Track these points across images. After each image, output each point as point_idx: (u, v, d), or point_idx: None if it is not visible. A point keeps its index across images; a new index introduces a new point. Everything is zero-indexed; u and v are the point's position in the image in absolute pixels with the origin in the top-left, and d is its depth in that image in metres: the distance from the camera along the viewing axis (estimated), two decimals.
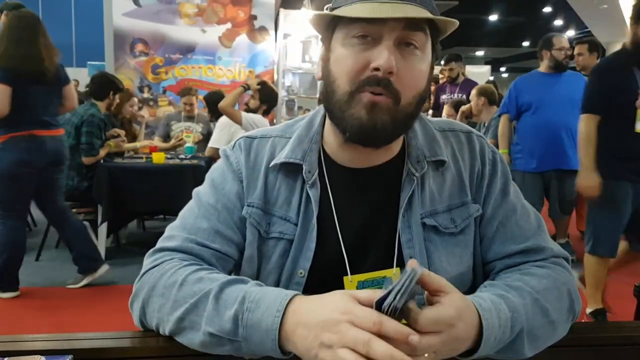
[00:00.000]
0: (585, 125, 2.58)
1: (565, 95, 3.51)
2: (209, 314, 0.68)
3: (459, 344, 0.63)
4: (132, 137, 4.61)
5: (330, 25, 0.79)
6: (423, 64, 0.76)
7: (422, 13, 0.72)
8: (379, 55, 0.71)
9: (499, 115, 3.92)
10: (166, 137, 4.79)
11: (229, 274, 0.79)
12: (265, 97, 3.96)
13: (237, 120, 3.64)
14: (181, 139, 4.63)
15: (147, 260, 0.80)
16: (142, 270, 0.79)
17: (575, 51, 4.24)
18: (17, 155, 2.90)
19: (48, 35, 2.99)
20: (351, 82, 0.74)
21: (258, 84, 4.00)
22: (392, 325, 0.55)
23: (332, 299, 0.61)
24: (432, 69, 0.79)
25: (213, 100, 4.44)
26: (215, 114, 4.29)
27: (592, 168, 2.54)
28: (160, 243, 0.82)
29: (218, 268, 0.80)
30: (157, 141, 4.75)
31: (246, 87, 3.88)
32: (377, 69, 0.72)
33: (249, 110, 3.98)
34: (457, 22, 0.75)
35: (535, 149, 3.64)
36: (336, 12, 0.75)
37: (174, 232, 0.83)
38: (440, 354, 0.60)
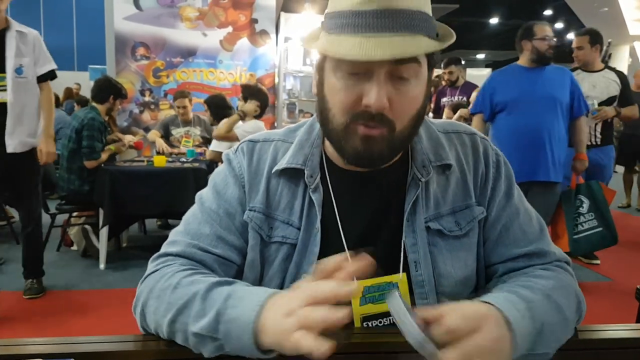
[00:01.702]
0: None
1: (546, 93, 3.03)
2: (195, 314, 0.68)
3: (498, 345, 0.61)
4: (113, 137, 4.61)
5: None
6: (417, 88, 0.74)
7: (413, 42, 0.69)
8: (370, 92, 0.70)
9: (471, 115, 3.39)
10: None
11: None
12: (249, 95, 4.00)
13: (234, 141, 3.71)
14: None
15: (151, 265, 0.81)
16: (145, 275, 0.79)
17: (574, 44, 3.69)
18: None
19: None
20: (345, 115, 0.74)
21: (242, 91, 4.12)
22: (323, 288, 0.58)
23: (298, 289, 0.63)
24: (429, 83, 0.78)
25: (215, 104, 4.45)
26: (217, 117, 4.30)
27: None
28: (163, 248, 0.83)
29: (220, 273, 0.80)
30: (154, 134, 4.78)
31: (242, 115, 3.95)
32: (368, 106, 0.71)
33: (243, 113, 4.00)
34: (454, 37, 0.75)
35: (511, 156, 3.12)
36: (323, 49, 0.74)
37: (177, 237, 0.83)
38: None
